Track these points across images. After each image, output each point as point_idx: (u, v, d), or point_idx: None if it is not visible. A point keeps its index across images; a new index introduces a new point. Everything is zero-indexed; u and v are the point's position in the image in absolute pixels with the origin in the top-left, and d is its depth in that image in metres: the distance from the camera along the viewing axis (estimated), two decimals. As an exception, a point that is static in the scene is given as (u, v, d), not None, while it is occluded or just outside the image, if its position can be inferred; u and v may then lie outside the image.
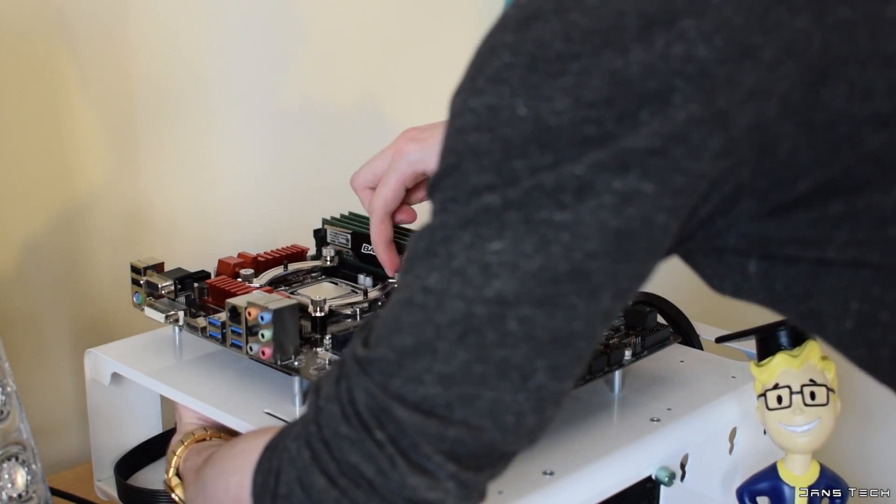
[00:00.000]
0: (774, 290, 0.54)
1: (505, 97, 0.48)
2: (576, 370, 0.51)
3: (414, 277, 0.51)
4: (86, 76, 0.99)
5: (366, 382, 0.51)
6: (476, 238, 0.49)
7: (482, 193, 0.49)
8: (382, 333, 0.51)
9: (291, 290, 0.84)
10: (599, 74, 0.47)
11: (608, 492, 0.68)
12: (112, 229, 1.03)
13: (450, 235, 0.49)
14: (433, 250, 0.50)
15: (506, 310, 0.49)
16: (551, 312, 0.49)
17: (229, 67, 1.09)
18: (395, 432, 0.50)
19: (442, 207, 0.50)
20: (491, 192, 0.48)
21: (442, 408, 0.50)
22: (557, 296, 0.48)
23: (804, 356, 0.69)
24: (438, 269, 0.49)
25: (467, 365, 0.49)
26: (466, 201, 0.49)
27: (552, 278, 0.48)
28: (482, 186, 0.49)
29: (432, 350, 0.50)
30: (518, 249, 0.48)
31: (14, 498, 0.70)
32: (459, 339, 0.49)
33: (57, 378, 1.01)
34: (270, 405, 0.73)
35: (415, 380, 0.50)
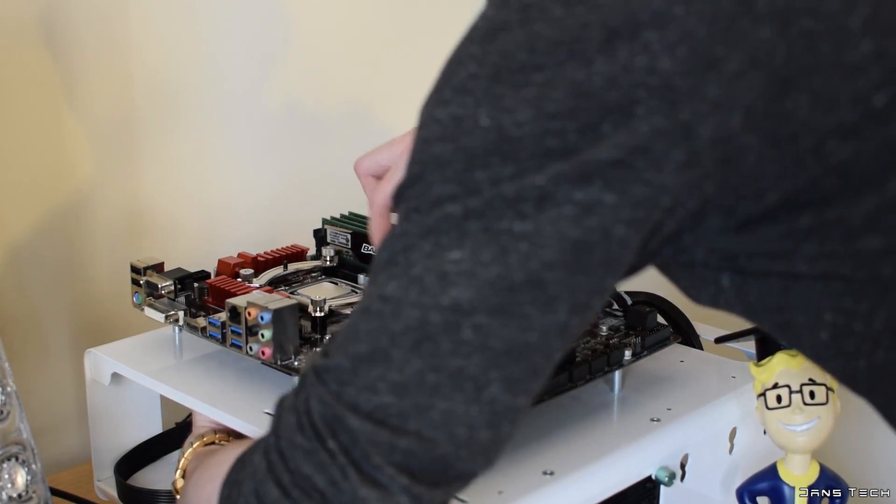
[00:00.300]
0: (749, 302, 0.54)
1: (469, 108, 0.49)
2: (532, 386, 0.51)
3: (374, 286, 0.51)
4: (86, 76, 0.99)
5: (320, 391, 0.51)
6: (436, 247, 0.49)
7: (444, 203, 0.49)
8: (340, 342, 0.52)
9: (291, 290, 0.84)
10: (563, 86, 0.47)
11: (608, 492, 0.68)
12: (112, 229, 1.03)
13: (411, 244, 0.50)
14: (394, 259, 0.50)
15: (461, 318, 0.49)
16: (506, 322, 0.49)
17: (229, 68, 1.09)
18: (348, 442, 0.50)
19: (405, 217, 0.51)
20: (452, 202, 0.49)
21: (394, 417, 0.50)
22: (513, 305, 0.48)
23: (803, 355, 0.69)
24: (397, 278, 0.50)
25: (421, 374, 0.49)
26: (428, 211, 0.49)
27: (508, 287, 0.48)
28: (444, 196, 0.49)
29: (386, 358, 0.50)
30: (476, 258, 0.48)
31: (14, 498, 0.70)
32: (414, 348, 0.49)
33: (57, 378, 1.01)
34: (270, 405, 0.73)
35: (369, 388, 0.50)
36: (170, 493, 0.80)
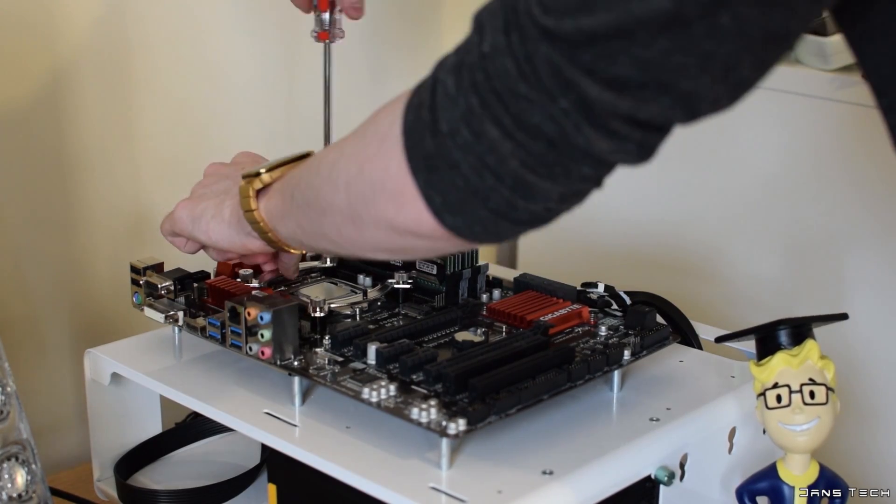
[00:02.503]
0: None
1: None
2: (780, 60, 0.50)
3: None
4: (86, 76, 0.99)
5: (548, 51, 0.49)
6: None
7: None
8: (567, 5, 0.48)
9: (291, 290, 0.84)
10: None
11: (607, 491, 0.68)
12: (112, 229, 1.03)
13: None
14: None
15: (719, 7, 0.46)
16: (769, 11, 0.47)
17: (230, 68, 1.09)
18: (582, 104, 0.49)
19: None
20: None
21: (635, 90, 0.48)
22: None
23: (803, 355, 0.69)
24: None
25: (668, 53, 0.47)
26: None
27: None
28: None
29: (630, 35, 0.47)
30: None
31: (14, 498, 0.70)
32: (662, 29, 0.47)
33: (57, 378, 1.01)
34: (270, 405, 0.74)
35: (607, 58, 0.48)
36: (170, 493, 0.81)
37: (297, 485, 0.73)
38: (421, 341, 0.76)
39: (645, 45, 0.47)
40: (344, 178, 0.59)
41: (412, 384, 0.69)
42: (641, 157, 0.52)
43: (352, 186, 0.58)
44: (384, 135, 0.56)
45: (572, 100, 0.49)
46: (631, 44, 0.47)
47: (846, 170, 1.10)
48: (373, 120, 0.59)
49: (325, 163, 0.62)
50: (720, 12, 0.46)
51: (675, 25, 0.46)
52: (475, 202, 0.53)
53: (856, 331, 1.05)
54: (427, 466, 0.66)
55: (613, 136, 0.50)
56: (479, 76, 0.51)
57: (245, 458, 0.85)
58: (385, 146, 0.56)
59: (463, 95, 0.52)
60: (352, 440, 0.69)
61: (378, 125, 0.57)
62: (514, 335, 0.75)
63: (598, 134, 0.50)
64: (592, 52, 0.48)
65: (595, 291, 0.82)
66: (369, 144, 0.57)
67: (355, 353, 0.74)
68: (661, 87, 0.48)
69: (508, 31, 0.50)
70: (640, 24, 0.46)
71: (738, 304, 1.19)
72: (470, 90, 0.51)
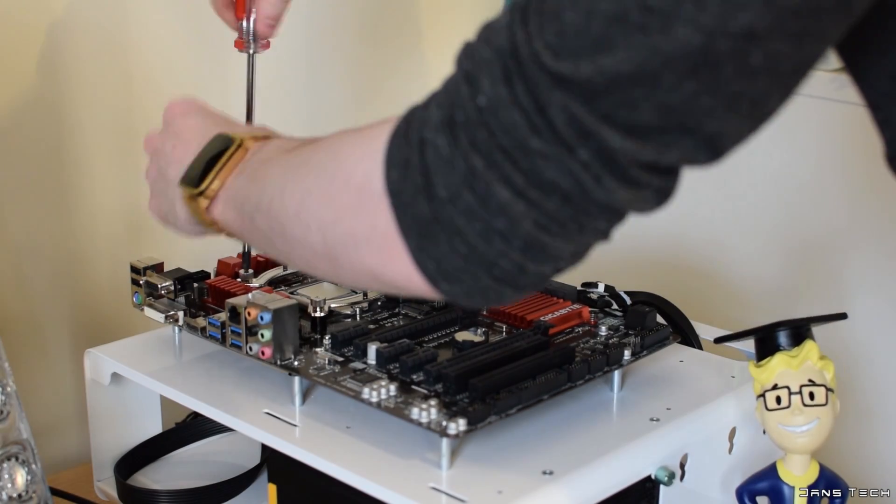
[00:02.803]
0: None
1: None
2: (802, 84, 0.48)
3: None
4: (86, 76, 0.99)
5: (563, 100, 0.45)
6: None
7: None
8: (582, 46, 0.45)
9: (291, 290, 0.84)
10: None
11: (608, 491, 0.68)
12: (112, 229, 1.03)
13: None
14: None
15: (752, 45, 0.43)
16: (802, 45, 0.45)
17: (229, 66, 1.09)
18: (602, 154, 0.46)
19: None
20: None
21: (658, 134, 0.46)
22: (816, 27, 0.44)
23: (803, 356, 0.69)
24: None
25: (694, 96, 0.44)
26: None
27: (815, 10, 0.43)
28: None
29: (654, 80, 0.44)
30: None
31: (14, 498, 0.70)
32: (690, 73, 0.44)
33: (57, 378, 1.01)
34: (270, 405, 0.74)
35: (628, 105, 0.45)
36: (170, 493, 0.81)
37: (297, 485, 0.73)
38: (421, 341, 0.76)
39: (670, 89, 0.44)
40: (316, 221, 0.55)
41: (412, 384, 0.69)
42: (658, 202, 0.50)
43: (328, 232, 0.54)
44: (361, 187, 0.52)
45: (592, 150, 0.46)
46: (655, 88, 0.44)
47: (846, 169, 1.10)
48: (336, 157, 0.55)
49: (288, 198, 0.56)
50: (752, 50, 0.43)
51: (704, 66, 0.44)
52: (479, 270, 0.50)
53: (855, 331, 1.05)
54: (427, 466, 0.66)
55: (633, 185, 0.47)
56: (481, 133, 0.47)
57: (245, 458, 0.85)
58: (366, 201, 0.51)
59: (462, 156, 0.48)
60: (352, 440, 0.69)
61: (350, 171, 0.53)
62: (515, 335, 0.75)
63: (618, 184, 0.47)
64: (613, 98, 0.45)
65: (595, 291, 0.82)
66: (342, 192, 0.53)
67: (355, 353, 0.74)
68: (684, 131, 0.46)
69: (511, 80, 0.46)
70: (667, 65, 0.44)
71: (738, 304, 1.19)
72: (470, 150, 0.47)
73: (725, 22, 0.43)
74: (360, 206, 0.52)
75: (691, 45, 0.43)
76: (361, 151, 0.53)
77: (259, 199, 0.59)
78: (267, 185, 0.59)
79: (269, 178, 0.59)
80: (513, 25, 0.47)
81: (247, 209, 0.60)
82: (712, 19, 0.43)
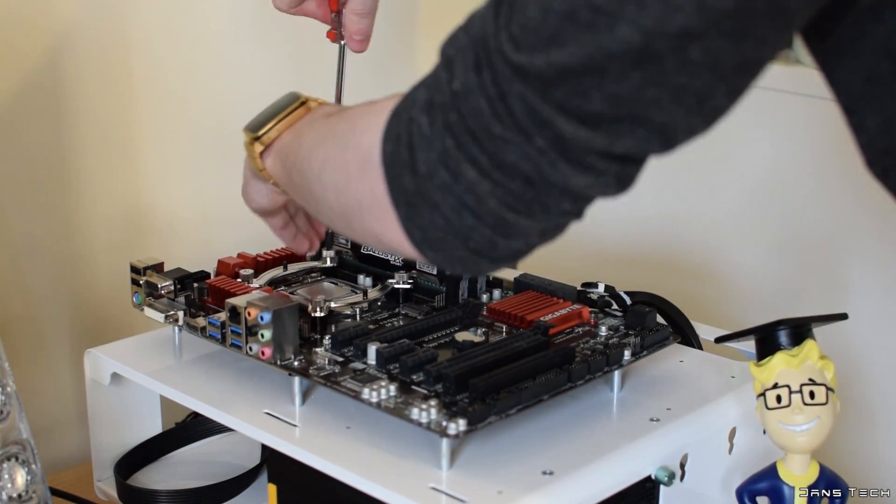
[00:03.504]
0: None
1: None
2: (753, 84, 0.50)
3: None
4: (86, 76, 0.99)
5: (521, 89, 0.49)
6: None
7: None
8: (538, 40, 0.48)
9: (291, 290, 0.84)
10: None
11: (608, 491, 0.68)
12: (112, 229, 1.03)
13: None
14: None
15: (689, 42, 0.46)
16: (740, 44, 0.47)
17: (229, 67, 1.09)
18: (557, 141, 0.49)
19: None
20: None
21: (609, 124, 0.48)
22: (751, 29, 0.46)
23: (803, 355, 0.69)
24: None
25: (640, 88, 0.47)
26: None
27: (749, 14, 0.46)
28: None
29: (602, 71, 0.47)
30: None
31: (14, 498, 0.70)
32: (634, 64, 0.46)
33: (57, 378, 1.01)
34: (270, 405, 0.74)
35: (580, 95, 0.48)
36: (170, 493, 0.81)
37: (297, 485, 0.73)
38: (421, 341, 0.76)
39: (617, 81, 0.47)
40: (332, 184, 0.60)
41: (412, 384, 0.69)
42: (620, 188, 0.52)
43: (340, 195, 0.59)
44: (365, 157, 0.56)
45: (548, 138, 0.49)
46: (603, 79, 0.47)
47: (846, 169, 1.10)
48: (353, 127, 0.59)
49: (314, 159, 0.62)
50: (691, 47, 0.46)
51: (646, 61, 0.46)
52: (455, 241, 0.54)
53: (856, 331, 1.05)
54: (427, 466, 0.66)
55: (590, 171, 0.50)
56: (453, 116, 0.51)
57: (245, 458, 0.85)
58: (367, 170, 0.56)
59: (438, 136, 0.51)
60: (352, 440, 0.69)
61: (358, 140, 0.57)
62: (515, 335, 0.75)
63: (574, 170, 0.50)
64: (565, 88, 0.48)
65: (595, 291, 0.82)
66: (352, 159, 0.58)
67: (355, 353, 0.74)
68: (635, 120, 0.48)
69: (480, 69, 0.50)
70: (612, 60, 0.46)
71: (738, 304, 1.19)
72: (444, 131, 0.51)
73: (663, 23, 0.45)
74: (364, 174, 0.56)
75: (632, 42, 0.46)
76: (368, 123, 0.57)
77: (296, 157, 0.65)
78: (303, 145, 0.65)
79: (305, 138, 0.65)
80: (487, 17, 0.50)
81: (287, 164, 0.67)
82: (651, 21, 0.45)
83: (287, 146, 0.67)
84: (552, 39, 0.47)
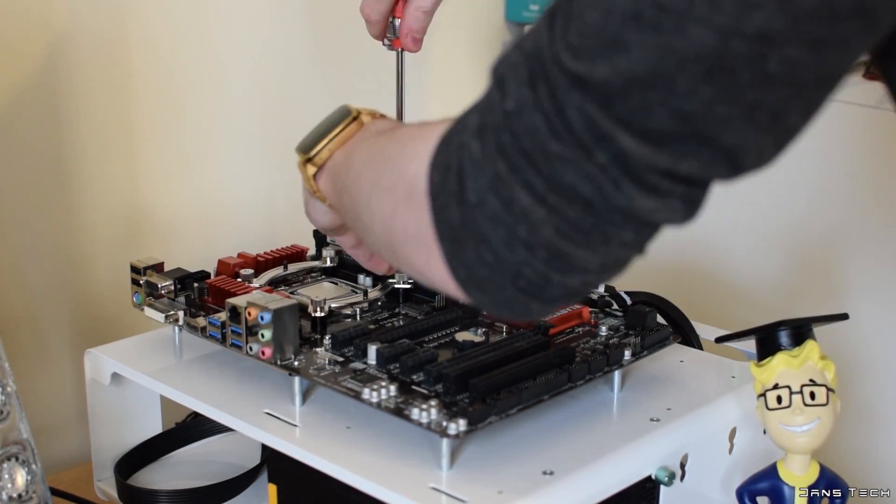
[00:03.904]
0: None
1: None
2: (828, 101, 0.47)
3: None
4: (86, 76, 0.99)
5: (580, 101, 0.45)
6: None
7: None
8: (598, 46, 0.44)
9: (291, 290, 0.84)
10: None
11: (608, 492, 0.68)
12: (112, 229, 1.03)
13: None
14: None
15: (768, 49, 0.42)
16: (822, 54, 0.43)
17: (229, 67, 1.09)
18: (620, 157, 0.45)
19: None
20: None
21: (674, 143, 0.45)
22: (834, 36, 0.43)
23: (804, 356, 0.69)
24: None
25: (710, 104, 0.44)
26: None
27: (831, 17, 0.42)
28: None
29: (670, 83, 0.43)
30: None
31: (14, 498, 0.70)
32: (705, 77, 0.43)
33: (57, 378, 1.01)
34: (270, 405, 0.74)
35: (644, 109, 0.44)
36: (170, 493, 0.81)
37: (298, 485, 0.73)
38: (421, 341, 0.76)
39: (685, 95, 0.44)
40: (380, 212, 0.56)
41: (412, 384, 0.69)
42: (688, 214, 0.48)
43: (387, 224, 0.56)
44: (411, 185, 0.53)
45: (609, 154, 0.45)
46: (670, 92, 0.44)
47: (846, 170, 1.10)
48: (402, 151, 0.56)
49: (363, 182, 0.59)
50: (769, 55, 0.42)
51: (719, 71, 0.43)
52: (504, 280, 0.50)
53: (856, 331, 1.05)
54: (427, 466, 0.66)
55: (655, 193, 0.46)
56: (506, 137, 0.47)
57: (245, 458, 0.85)
58: (413, 200, 0.52)
59: (489, 161, 0.48)
60: (352, 440, 0.69)
61: (405, 168, 0.54)
62: (515, 335, 0.75)
63: (638, 190, 0.46)
64: (628, 101, 0.44)
65: (595, 291, 0.82)
66: (399, 187, 0.54)
67: (356, 353, 0.74)
68: (701, 140, 0.45)
69: (535, 83, 0.46)
70: (681, 67, 0.43)
71: (738, 304, 1.19)
72: (496, 154, 0.47)
73: (740, 22, 0.42)
74: (410, 204, 0.53)
75: (705, 45, 0.42)
76: (416, 149, 0.53)
77: (346, 178, 0.62)
78: (352, 167, 0.61)
79: (355, 159, 0.61)
80: (541, 29, 0.47)
81: (338, 185, 0.63)
82: (726, 19, 0.42)
83: (338, 166, 0.64)
84: (614, 43, 0.44)
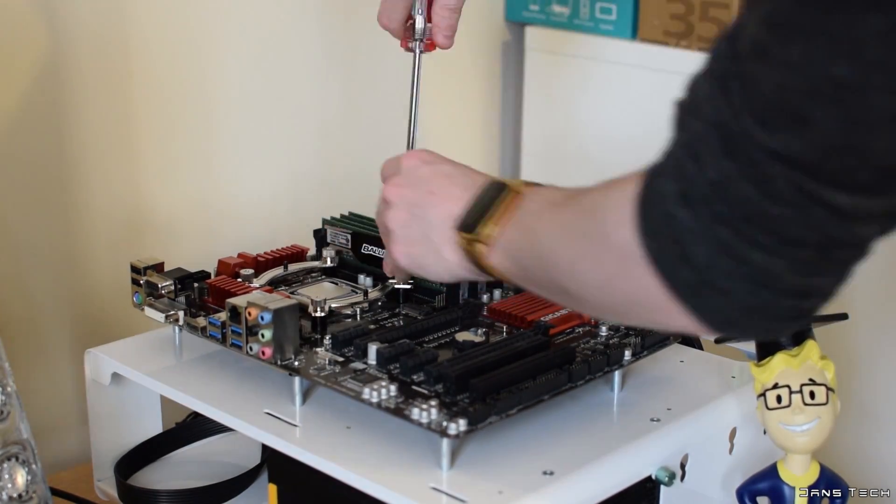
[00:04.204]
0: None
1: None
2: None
3: (807, 59, 0.45)
4: (86, 76, 0.99)
5: (785, 172, 0.47)
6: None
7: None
8: (784, 120, 0.46)
9: (291, 290, 0.84)
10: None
11: (608, 492, 0.68)
12: (112, 229, 1.03)
13: (841, 14, 0.44)
14: (825, 28, 0.44)
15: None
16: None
17: (230, 67, 1.09)
18: (836, 210, 0.48)
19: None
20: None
21: (885, 189, 0.47)
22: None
23: (803, 356, 0.69)
24: (846, 57, 0.44)
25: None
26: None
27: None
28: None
29: (864, 148, 0.46)
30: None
31: (14, 498, 0.70)
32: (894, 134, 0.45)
33: (57, 378, 1.01)
34: (270, 405, 0.74)
35: (846, 171, 0.47)
36: (170, 493, 0.81)
37: (298, 485, 0.73)
38: (421, 341, 0.76)
39: (882, 155, 0.46)
40: (591, 282, 0.57)
41: (413, 384, 0.69)
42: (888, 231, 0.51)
43: (604, 292, 0.57)
44: (623, 254, 0.53)
45: (826, 210, 0.48)
46: (866, 156, 0.46)
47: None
48: (596, 221, 0.56)
49: (560, 259, 0.59)
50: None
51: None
52: (754, 318, 0.52)
53: (856, 331, 1.05)
54: (427, 466, 0.66)
55: (876, 222, 0.49)
56: (720, 207, 0.49)
57: (245, 458, 0.85)
58: (629, 267, 0.53)
59: (709, 229, 0.50)
60: (352, 440, 0.69)
61: (608, 236, 0.55)
62: (515, 335, 0.75)
63: (862, 225, 0.49)
64: (830, 167, 0.47)
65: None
66: (606, 256, 0.55)
67: (356, 353, 0.74)
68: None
69: (732, 155, 0.48)
70: (871, 132, 0.45)
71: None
72: (715, 223, 0.49)
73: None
74: (627, 271, 0.54)
75: (891, 110, 0.44)
76: (614, 217, 0.54)
77: (532, 255, 0.62)
78: (539, 243, 0.61)
79: (540, 235, 0.61)
80: (716, 97, 0.49)
81: (523, 262, 0.63)
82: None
83: (517, 244, 0.63)
84: (799, 118, 0.46)
